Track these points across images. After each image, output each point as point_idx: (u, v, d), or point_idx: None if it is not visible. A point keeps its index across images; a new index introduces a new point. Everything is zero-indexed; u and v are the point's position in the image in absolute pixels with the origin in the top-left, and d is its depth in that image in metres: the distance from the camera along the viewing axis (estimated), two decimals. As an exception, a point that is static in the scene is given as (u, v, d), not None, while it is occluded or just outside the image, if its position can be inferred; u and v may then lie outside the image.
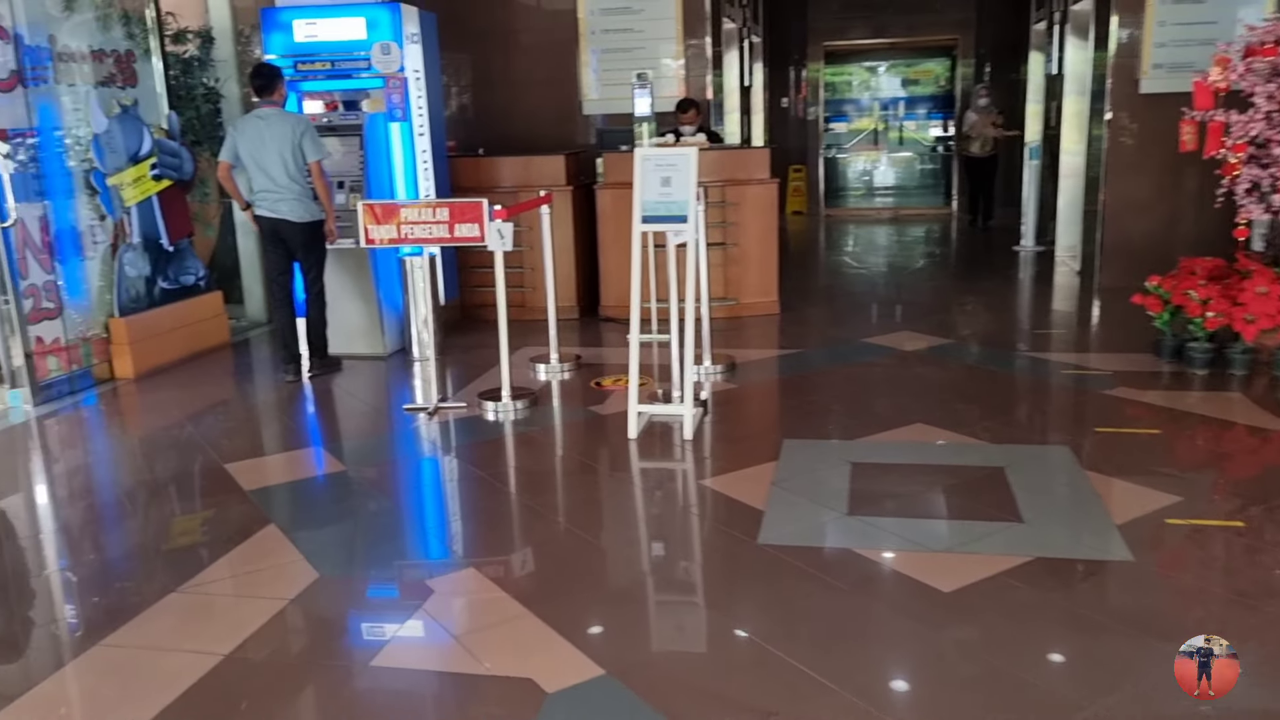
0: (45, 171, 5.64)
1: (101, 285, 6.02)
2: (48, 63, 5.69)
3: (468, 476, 4.31)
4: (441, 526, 3.91)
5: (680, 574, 3.38)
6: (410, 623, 2.97)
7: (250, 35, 7.29)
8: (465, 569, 3.33)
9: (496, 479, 4.25)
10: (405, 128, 6.30)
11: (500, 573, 3.28)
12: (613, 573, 3.37)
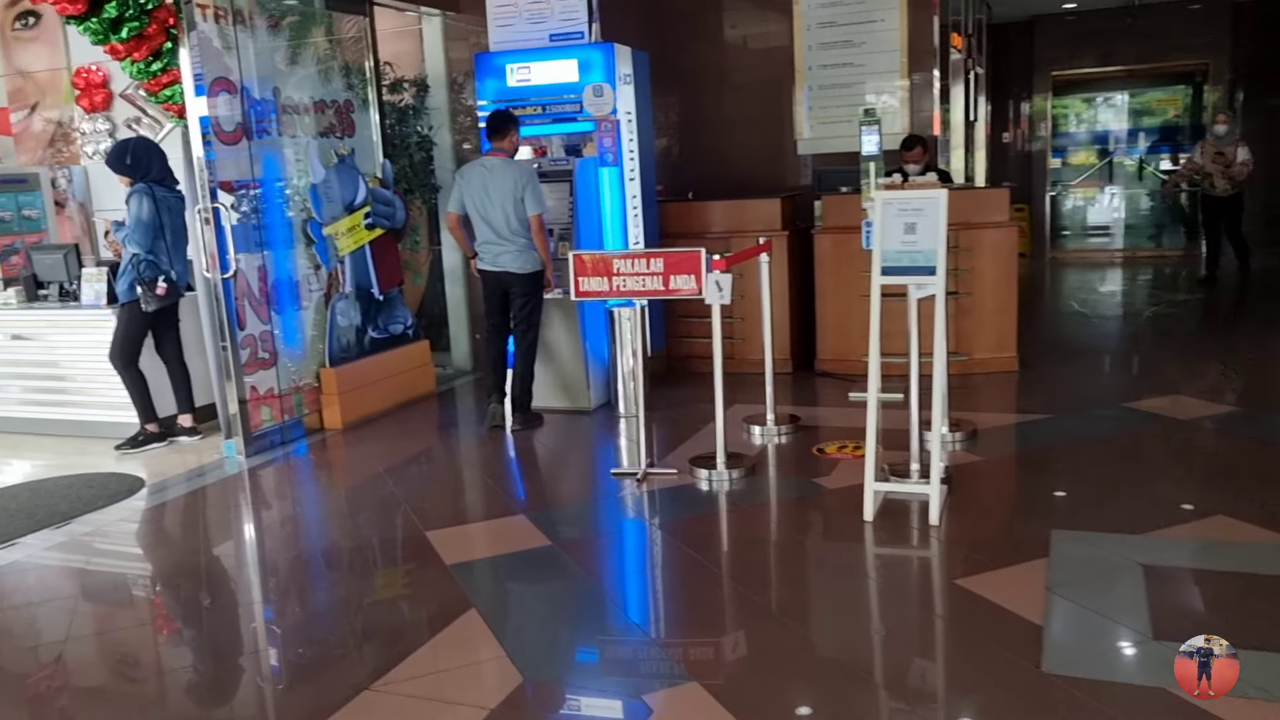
0: (265, 222, 5.67)
1: (314, 335, 6.00)
2: (273, 115, 5.75)
3: (682, 560, 3.86)
4: (657, 623, 3.47)
5: (948, 711, 2.78)
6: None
7: (464, 83, 7.25)
8: (687, 684, 2.86)
9: (715, 564, 3.78)
10: (615, 172, 6.01)
11: (728, 692, 2.79)
12: (860, 703, 2.82)
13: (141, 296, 5.55)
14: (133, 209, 5.59)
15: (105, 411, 5.99)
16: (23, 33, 8.72)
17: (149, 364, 5.80)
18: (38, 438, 6.15)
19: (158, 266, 5.62)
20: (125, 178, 5.71)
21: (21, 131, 8.97)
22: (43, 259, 6.18)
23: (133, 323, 5.66)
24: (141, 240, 5.56)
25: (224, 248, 5.29)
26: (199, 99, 5.19)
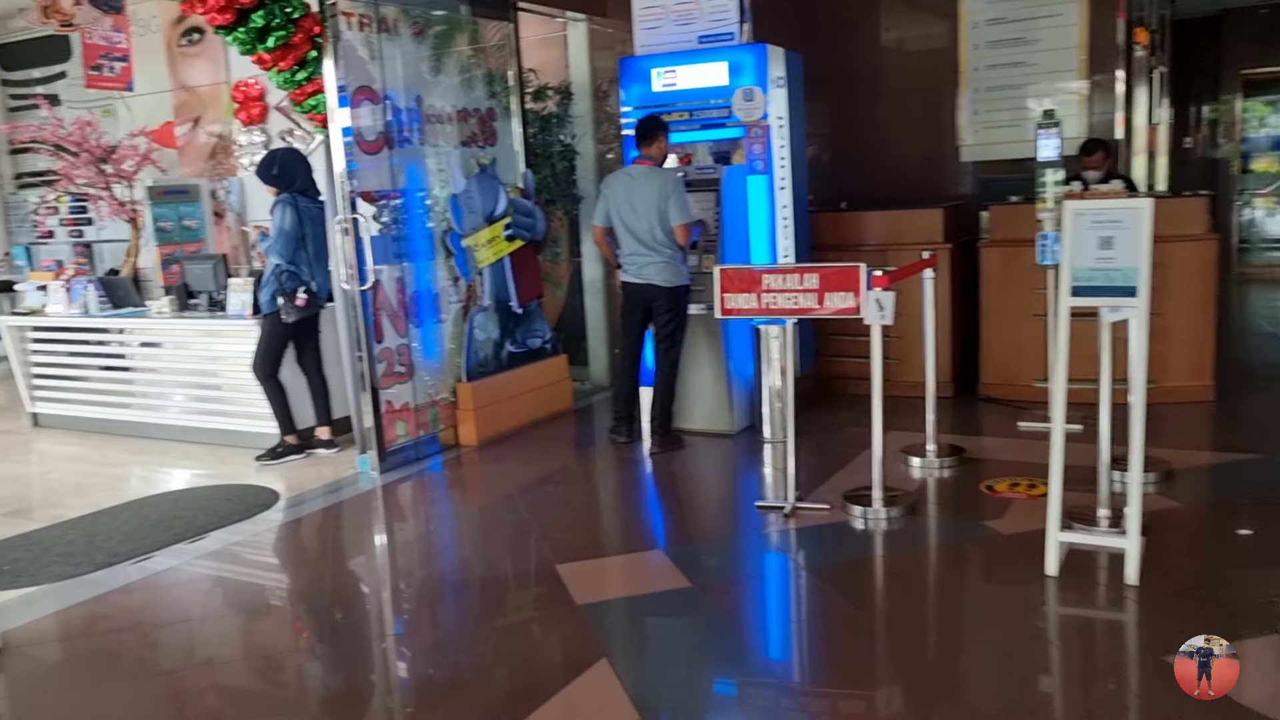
0: (405, 234, 5.56)
1: (451, 348, 5.86)
2: (415, 124, 5.64)
3: (835, 611, 3.47)
4: (803, 682, 3.09)
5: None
6: None
7: (608, 90, 7.02)
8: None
9: (871, 616, 3.38)
10: (764, 181, 5.65)
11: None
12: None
13: (282, 307, 5.52)
14: (276, 219, 5.57)
15: (247, 421, 6.00)
16: (188, 49, 9.00)
17: (290, 376, 5.78)
18: (184, 445, 6.22)
19: (298, 277, 5.58)
20: (272, 188, 5.71)
21: (185, 144, 9.26)
22: (193, 269, 6.26)
23: (274, 333, 5.64)
24: (283, 251, 5.54)
25: (363, 259, 5.19)
26: (342, 109, 5.10)
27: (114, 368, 6.61)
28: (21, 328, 6.90)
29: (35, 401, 7.00)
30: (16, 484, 5.63)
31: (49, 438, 6.78)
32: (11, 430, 6.99)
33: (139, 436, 6.47)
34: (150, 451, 6.17)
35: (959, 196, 7.08)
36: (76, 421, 6.81)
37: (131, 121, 9.13)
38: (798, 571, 3.87)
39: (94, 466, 5.91)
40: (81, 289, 6.59)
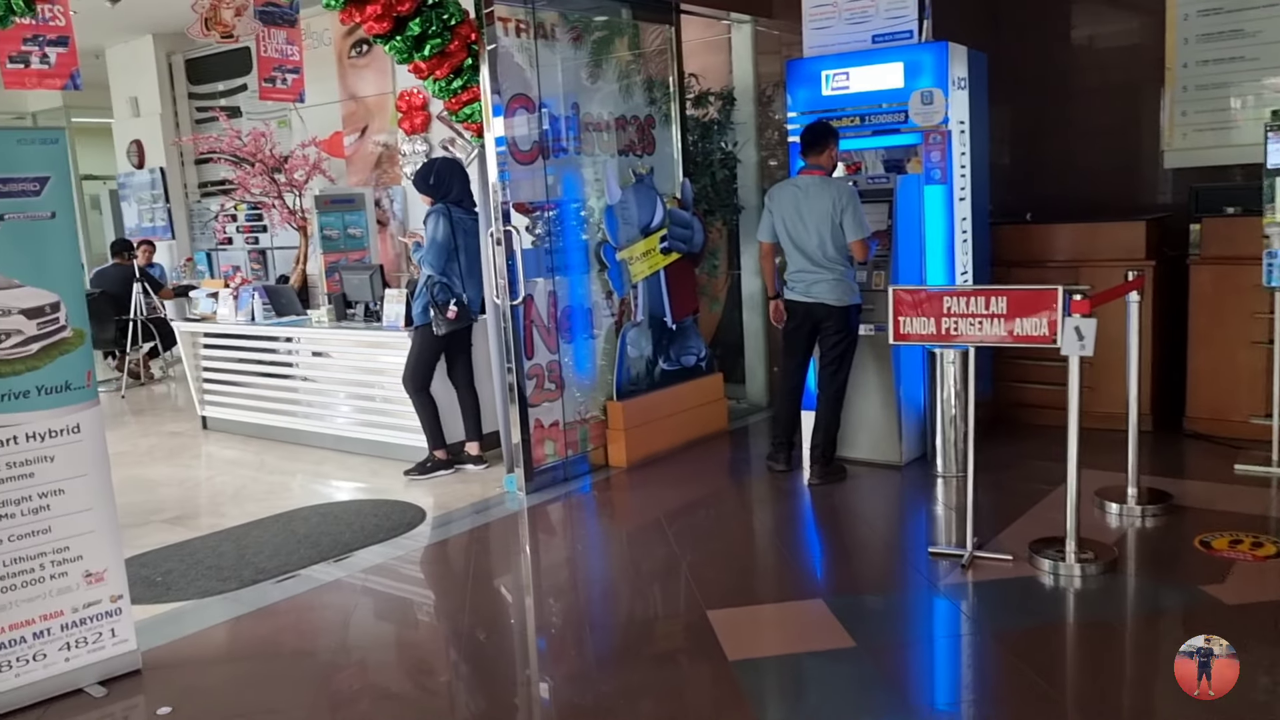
0: (559, 246, 5.38)
1: (603, 365, 5.64)
2: (572, 133, 5.46)
3: (1024, 690, 3.02)
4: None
5: None
6: None
7: (772, 95, 6.68)
8: None
9: (1064, 699, 2.92)
10: (942, 191, 5.19)
11: None
12: None
13: (434, 320, 5.42)
14: (429, 229, 5.49)
15: (399, 434, 5.96)
16: (357, 60, 9.18)
17: (441, 389, 5.69)
18: (339, 454, 6.24)
19: (450, 289, 5.48)
20: (427, 198, 5.64)
21: (353, 153, 9.45)
22: (351, 278, 6.27)
23: (425, 346, 5.56)
24: (435, 262, 5.45)
25: (515, 272, 5.03)
26: (496, 118, 4.95)
27: (273, 375, 6.71)
28: (194, 333, 7.11)
29: (205, 405, 7.20)
30: (182, 488, 5.74)
31: (216, 441, 6.95)
32: (184, 432, 7.22)
33: (297, 444, 6.55)
34: (306, 459, 6.21)
35: (1161, 207, 6.38)
36: (241, 426, 6.96)
37: (304, 132, 9.40)
38: (977, 634, 3.43)
39: (252, 473, 5.98)
40: (248, 297, 6.73)
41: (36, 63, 5.30)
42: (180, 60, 10.96)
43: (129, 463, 6.38)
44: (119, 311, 9.03)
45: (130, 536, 4.82)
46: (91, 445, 3.23)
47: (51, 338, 3.12)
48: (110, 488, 3.32)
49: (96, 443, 3.25)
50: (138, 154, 11.26)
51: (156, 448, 6.78)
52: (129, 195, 11.49)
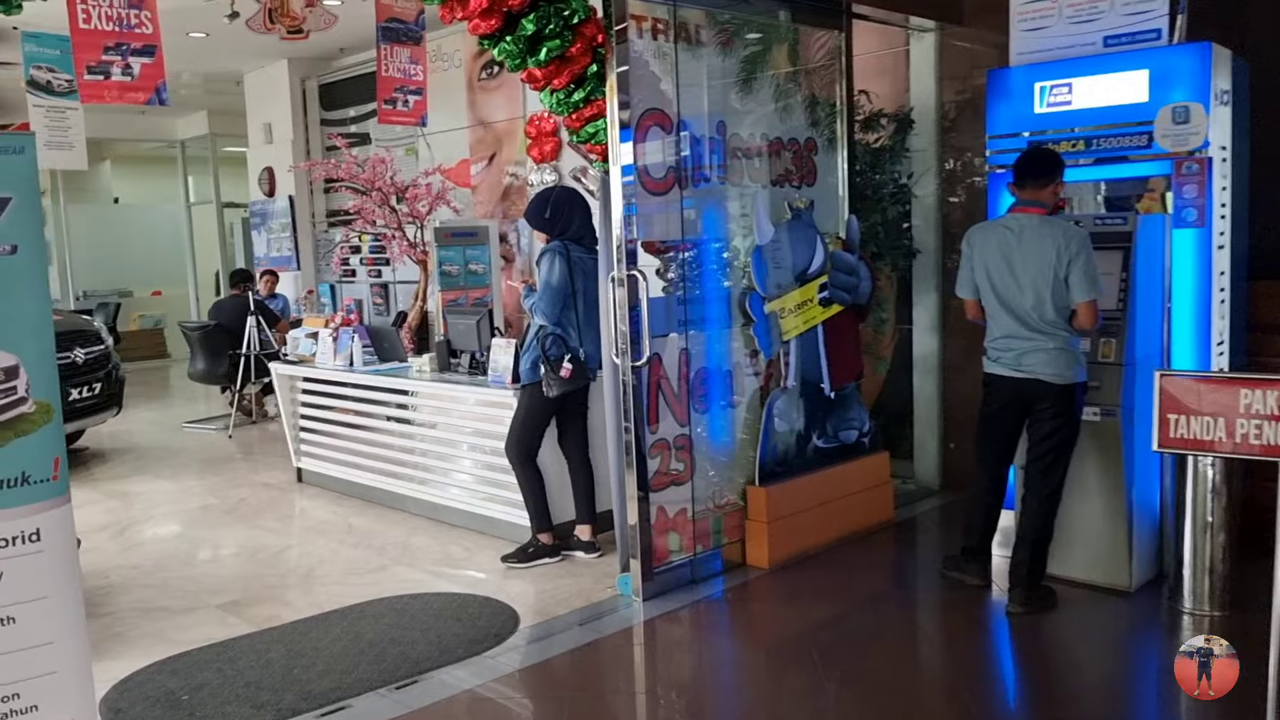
0: (695, 295, 4.42)
1: (744, 441, 4.63)
2: (716, 158, 4.49)
3: None
4: None
5: None
6: None
7: (955, 119, 5.55)
8: None
9: None
10: (1193, 236, 3.98)
11: None
12: None
13: (544, 378, 4.53)
14: (543, 271, 4.62)
15: (501, 508, 5.08)
16: (487, 82, 8.50)
17: (550, 459, 4.79)
18: (433, 524, 5.42)
19: (565, 342, 4.58)
20: (543, 234, 4.78)
21: (480, 183, 8.77)
22: (457, 323, 5.46)
23: (534, 408, 4.66)
24: (549, 309, 4.56)
25: (639, 325, 4.08)
26: (623, 140, 4.03)
27: (369, 429, 5.96)
28: (292, 376, 6.45)
29: (300, 456, 6.52)
30: (252, 561, 5.00)
31: (309, 496, 6.25)
32: (277, 485, 6.56)
33: (392, 508, 5.77)
34: (398, 528, 5.41)
35: None
36: (335, 483, 6.24)
37: (431, 160, 8.77)
38: None
39: (334, 545, 5.20)
40: (348, 339, 6.02)
41: (118, 74, 4.73)
42: (314, 85, 10.59)
43: (208, 521, 5.71)
44: (234, 345, 8.54)
45: (174, 625, 4.09)
46: (56, 558, 2.42)
47: (6, 413, 2.33)
48: (81, 612, 2.51)
49: (63, 554, 2.44)
50: (269, 181, 10.94)
51: (244, 503, 6.11)
52: (259, 224, 11.19)
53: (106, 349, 7.52)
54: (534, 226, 4.80)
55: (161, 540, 5.35)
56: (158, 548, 5.22)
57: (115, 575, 4.80)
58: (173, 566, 4.89)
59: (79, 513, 6.23)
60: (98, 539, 5.42)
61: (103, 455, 7.76)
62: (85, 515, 5.92)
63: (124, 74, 4.73)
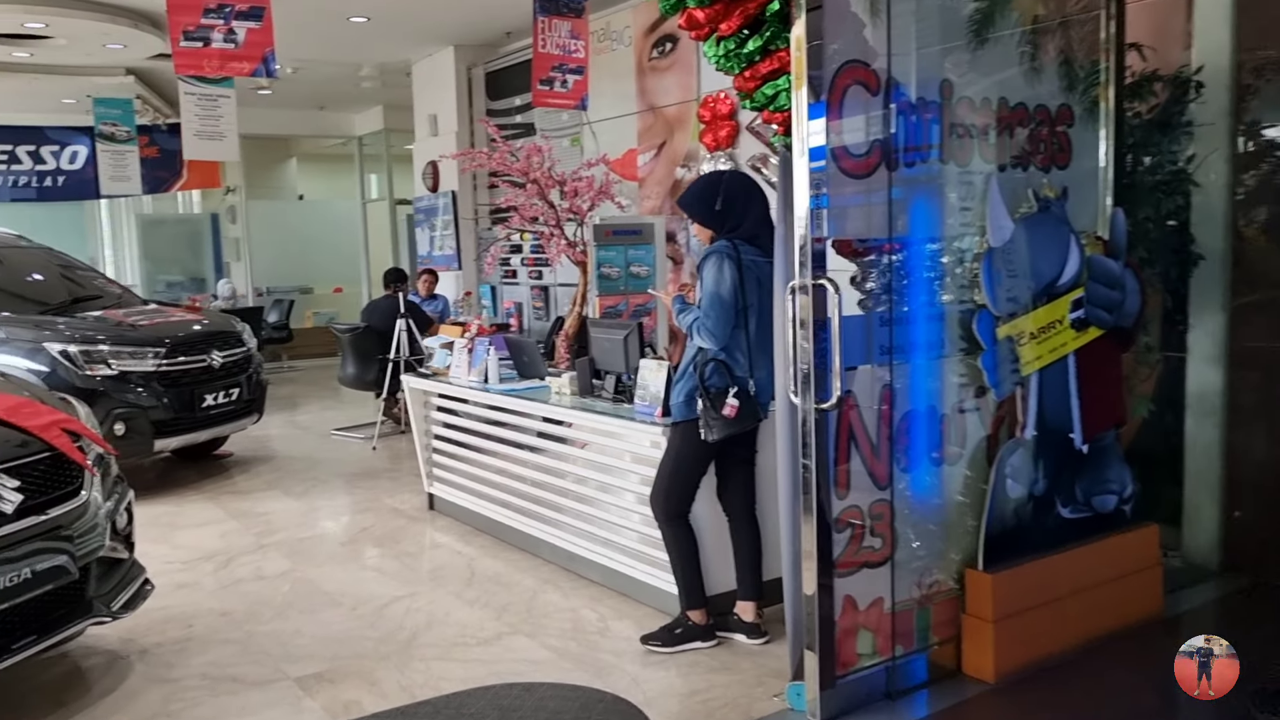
0: (902, 312, 3.31)
1: (963, 507, 3.48)
2: (934, 130, 3.37)
3: None
4: None
5: None
6: None
7: (1259, 80, 4.18)
8: None
9: None
10: None
11: None
12: None
13: (702, 416, 3.54)
14: (708, 278, 3.62)
15: (643, 568, 4.14)
16: (659, 61, 7.59)
17: (707, 514, 3.80)
18: (567, 576, 4.54)
19: (730, 371, 3.58)
20: (707, 229, 3.79)
21: (647, 175, 7.87)
22: (601, 338, 4.54)
23: (687, 452, 3.68)
24: (714, 327, 3.57)
25: (827, 353, 3.02)
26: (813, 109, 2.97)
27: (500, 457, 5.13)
28: (426, 391, 5.72)
29: (432, 481, 5.79)
30: (351, 617, 4.24)
31: (439, 527, 5.50)
32: (407, 511, 5.85)
33: (524, 550, 4.93)
34: (527, 578, 4.55)
35: None
36: (466, 515, 5.46)
37: (596, 150, 7.94)
38: None
39: (450, 599, 4.39)
40: (483, 352, 5.21)
41: (219, 40, 4.08)
42: (480, 74, 9.99)
43: (321, 555, 5.03)
44: (383, 350, 7.97)
45: (239, 706, 3.38)
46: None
47: None
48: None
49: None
50: (433, 176, 10.44)
51: (366, 533, 5.41)
52: (422, 221, 10.71)
53: (247, 352, 7.05)
54: (695, 218, 3.81)
55: (263, 579, 4.69)
56: (256, 589, 4.55)
57: (201, 624, 4.14)
58: (264, 617, 4.19)
59: (196, 533, 5.73)
60: (200, 571, 4.83)
61: (245, 463, 7.33)
62: (199, 539, 5.38)
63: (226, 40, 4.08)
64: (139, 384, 6.15)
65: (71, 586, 3.29)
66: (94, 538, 3.38)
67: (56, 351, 5.97)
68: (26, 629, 3.12)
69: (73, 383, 5.93)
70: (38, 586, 3.10)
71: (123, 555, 3.68)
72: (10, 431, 3.20)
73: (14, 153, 11.58)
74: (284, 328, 13.06)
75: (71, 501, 3.29)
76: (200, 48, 4.04)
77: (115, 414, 6.01)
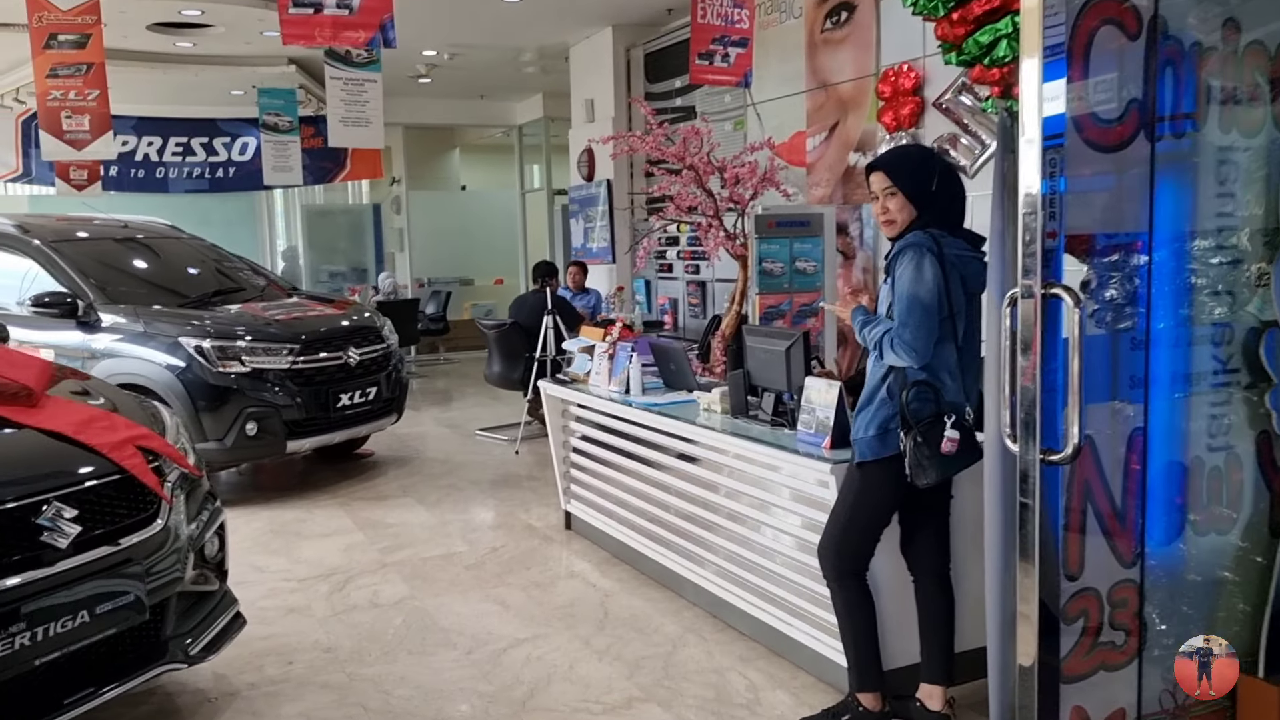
0: (1157, 330, 2.49)
1: (1234, 591, 2.62)
2: (1211, 90, 2.53)
3: None
4: None
5: None
6: None
7: None
8: None
9: None
10: None
11: None
12: None
13: (910, 455, 2.81)
14: (905, 278, 2.89)
15: (804, 629, 3.44)
16: (833, 33, 6.80)
17: (888, 571, 3.08)
18: (714, 626, 3.89)
19: (938, 395, 2.84)
20: (908, 207, 3.04)
21: (816, 160, 7.10)
22: (757, 348, 3.84)
23: (870, 498, 2.97)
24: (914, 339, 2.83)
25: (1058, 389, 2.24)
26: (1049, 66, 2.20)
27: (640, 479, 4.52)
28: (564, 400, 5.17)
29: (569, 498, 5.25)
30: (466, 661, 3.73)
31: (574, 551, 4.95)
32: (542, 530, 5.33)
33: (663, 587, 4.32)
34: (665, 624, 3.93)
35: None
36: (603, 539, 4.90)
37: (762, 133, 7.23)
38: None
39: (575, 647, 3.82)
40: (625, 358, 4.62)
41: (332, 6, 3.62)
42: (639, 55, 9.42)
43: (443, 580, 4.55)
44: (531, 347, 7.52)
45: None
46: None
47: None
48: None
49: None
50: (588, 164, 9.95)
51: (495, 555, 4.92)
52: (577, 212, 10.25)
53: (387, 349, 6.71)
54: (905, 189, 3.00)
55: (378, 607, 4.24)
56: (368, 620, 4.10)
57: (302, 661, 3.71)
58: (370, 656, 3.73)
59: (320, 545, 5.35)
60: (314, 593, 4.43)
61: (383, 465, 7.01)
62: (322, 552, 5.02)
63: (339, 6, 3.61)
64: (273, 382, 5.88)
65: (142, 627, 2.88)
66: (171, 571, 2.96)
67: (192, 347, 5.74)
68: (86, 679, 2.71)
69: (206, 380, 5.71)
70: (98, 631, 2.69)
71: (210, 587, 3.26)
72: (75, 450, 2.80)
73: (189, 145, 11.82)
74: (440, 319, 12.92)
75: (144, 531, 2.88)
76: (311, 14, 3.60)
77: (247, 413, 5.75)
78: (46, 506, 2.61)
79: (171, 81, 10.52)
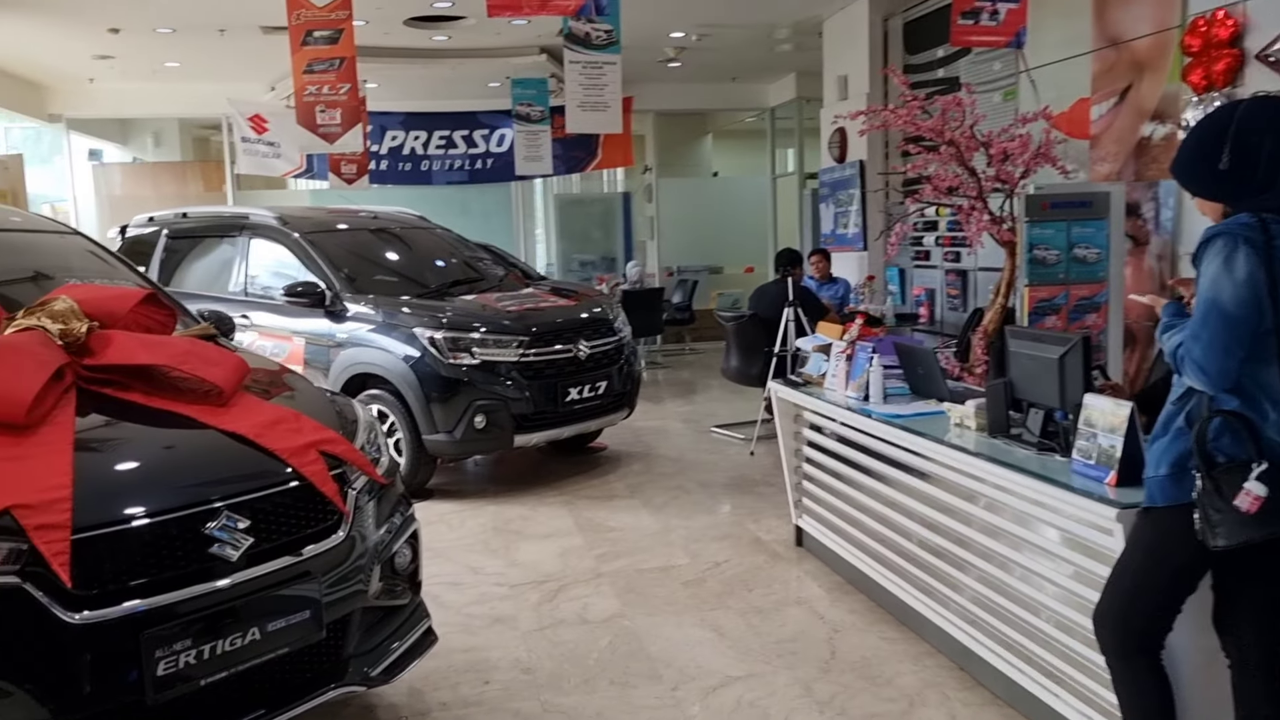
0: None
1: None
2: None
3: None
4: None
5: None
6: None
7: None
8: None
9: None
10: None
11: None
12: None
13: (1201, 510, 2.15)
14: (1207, 274, 2.22)
15: (1076, 705, 2.79)
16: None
17: (1189, 651, 2.39)
18: (960, 680, 3.29)
19: (1256, 433, 2.15)
20: (1209, 202, 2.36)
21: (1103, 131, 6.16)
22: (1023, 354, 3.17)
23: (1169, 555, 2.32)
24: (1205, 357, 2.17)
25: None
26: None
27: (873, 494, 3.95)
28: (796, 404, 4.68)
29: (801, 512, 4.75)
30: (669, 699, 3.35)
31: (800, 573, 4.46)
32: (770, 544, 4.87)
33: (900, 624, 3.76)
34: (900, 675, 3.38)
35: None
36: (835, 560, 4.37)
37: (1036, 103, 6.36)
38: None
39: (795, 694, 3.35)
40: (864, 362, 4.06)
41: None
42: (898, 25, 8.67)
43: (658, 598, 4.20)
44: (771, 340, 7.06)
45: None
46: None
47: None
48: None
49: None
50: (840, 145, 9.31)
51: (715, 572, 4.52)
52: (827, 195, 9.63)
53: (619, 341, 6.46)
54: (1191, 187, 2.38)
55: (585, 624, 3.95)
56: (573, 638, 3.81)
57: (499, 680, 3.47)
58: (568, 683, 3.43)
59: (538, 547, 5.09)
60: (523, 601, 4.20)
61: (614, 461, 6.80)
62: (539, 554, 4.82)
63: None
64: (502, 374, 5.77)
65: (320, 645, 2.70)
66: (353, 585, 2.77)
67: (425, 338, 5.73)
68: (255, 701, 2.55)
69: (438, 371, 5.68)
70: (269, 650, 2.52)
71: (400, 601, 3.06)
72: (255, 454, 2.65)
73: (451, 137, 12.22)
74: (686, 308, 12.69)
75: (324, 542, 2.69)
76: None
77: (476, 405, 5.66)
78: (217, 515, 2.46)
79: (434, 76, 10.86)
